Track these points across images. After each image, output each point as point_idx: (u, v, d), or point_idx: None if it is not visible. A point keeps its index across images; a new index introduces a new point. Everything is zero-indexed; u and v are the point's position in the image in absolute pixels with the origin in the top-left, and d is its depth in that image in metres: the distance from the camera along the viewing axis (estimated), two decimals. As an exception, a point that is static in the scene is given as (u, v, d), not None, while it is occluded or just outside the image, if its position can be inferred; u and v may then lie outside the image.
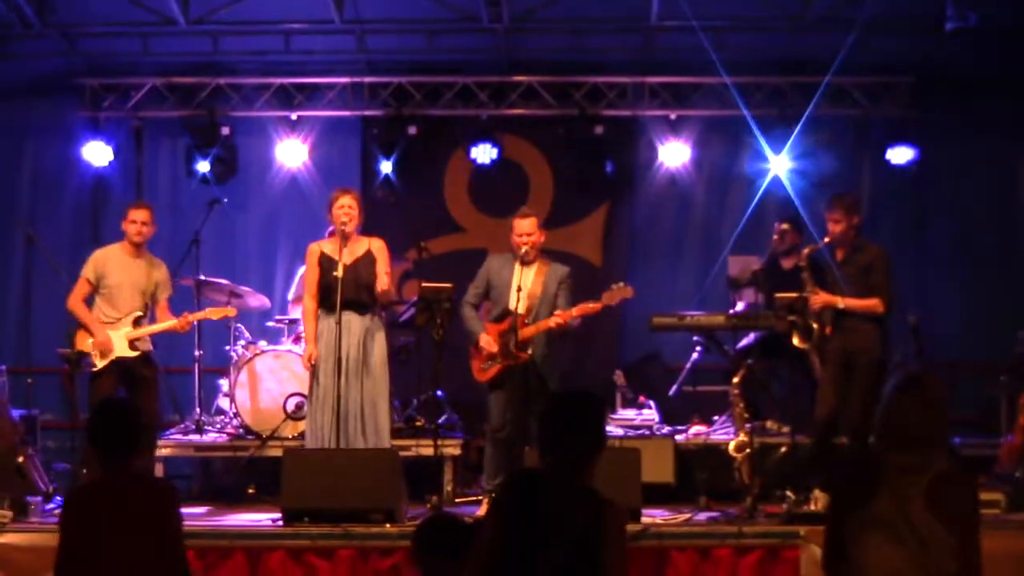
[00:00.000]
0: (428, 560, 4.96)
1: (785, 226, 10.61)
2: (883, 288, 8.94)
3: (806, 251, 9.26)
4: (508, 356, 9.12)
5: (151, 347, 9.56)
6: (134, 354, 9.37)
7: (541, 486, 4.60)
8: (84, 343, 9.36)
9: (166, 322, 9.52)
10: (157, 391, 9.57)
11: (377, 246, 9.26)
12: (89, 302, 9.44)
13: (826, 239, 9.09)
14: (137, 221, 9.48)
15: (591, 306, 9.19)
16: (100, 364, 9.30)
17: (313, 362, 9.07)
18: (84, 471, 8.98)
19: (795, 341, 9.20)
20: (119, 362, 9.33)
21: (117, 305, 9.41)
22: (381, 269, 9.16)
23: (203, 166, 12.10)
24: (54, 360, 10.44)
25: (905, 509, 4.50)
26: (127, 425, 5.56)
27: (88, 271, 9.47)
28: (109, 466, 5.50)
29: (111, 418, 5.61)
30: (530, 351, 9.12)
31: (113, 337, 9.33)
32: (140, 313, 9.43)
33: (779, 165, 12.04)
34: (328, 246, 9.22)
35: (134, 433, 5.55)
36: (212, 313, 9.81)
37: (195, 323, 10.02)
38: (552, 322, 9.10)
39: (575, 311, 9.14)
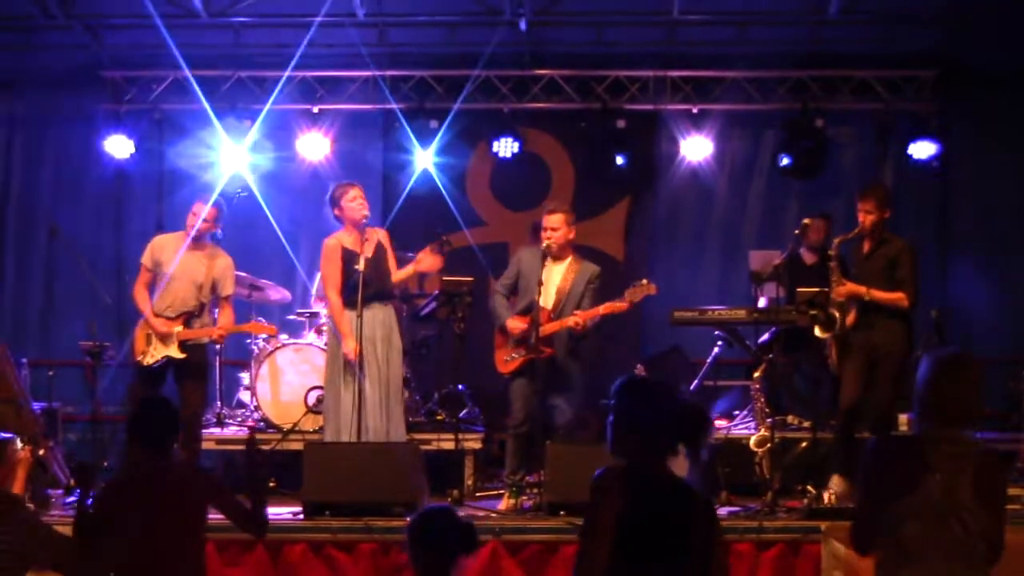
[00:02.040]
0: (421, 555, 4.94)
1: (819, 221, 10.59)
2: (909, 282, 8.91)
3: (837, 240, 9.21)
4: (531, 349, 9.00)
5: (205, 341, 9.38)
6: (183, 356, 9.19)
7: (654, 488, 4.55)
8: (142, 338, 9.26)
9: (206, 331, 9.30)
10: (202, 382, 9.44)
11: (383, 235, 9.26)
12: (154, 291, 9.31)
13: (856, 230, 9.05)
14: (197, 214, 9.28)
15: (617, 305, 9.00)
16: (149, 360, 9.20)
17: (357, 355, 8.91)
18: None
19: (816, 331, 9.16)
20: (168, 361, 9.19)
21: (171, 300, 9.24)
22: (391, 258, 9.19)
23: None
24: (76, 353, 10.47)
25: (954, 493, 4.62)
26: (164, 420, 6.04)
27: (145, 257, 9.36)
28: (149, 457, 5.91)
29: (151, 413, 6.07)
30: (553, 346, 9.03)
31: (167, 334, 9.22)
32: (192, 311, 9.25)
33: (797, 159, 12.02)
34: (347, 239, 9.14)
35: (170, 427, 6.07)
36: (254, 328, 9.70)
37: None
38: (571, 321, 8.94)
39: (602, 309, 8.98)
